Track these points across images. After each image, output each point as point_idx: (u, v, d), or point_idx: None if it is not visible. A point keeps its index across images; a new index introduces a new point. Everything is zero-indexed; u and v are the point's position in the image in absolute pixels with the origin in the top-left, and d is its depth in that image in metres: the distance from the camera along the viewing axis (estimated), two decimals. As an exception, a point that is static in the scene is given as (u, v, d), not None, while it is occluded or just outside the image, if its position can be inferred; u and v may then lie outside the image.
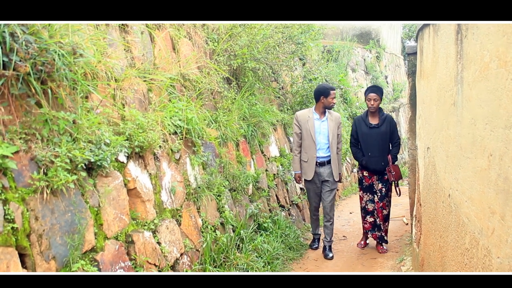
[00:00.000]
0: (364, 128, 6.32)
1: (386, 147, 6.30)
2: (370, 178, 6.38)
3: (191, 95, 5.26)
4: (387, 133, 6.26)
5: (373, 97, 6.24)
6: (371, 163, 6.26)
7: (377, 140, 6.25)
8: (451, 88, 2.98)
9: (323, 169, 6.17)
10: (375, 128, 6.27)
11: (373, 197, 6.39)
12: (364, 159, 6.31)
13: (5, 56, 2.65)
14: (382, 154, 6.23)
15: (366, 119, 6.36)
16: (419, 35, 4.73)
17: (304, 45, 8.86)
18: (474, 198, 2.41)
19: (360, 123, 6.37)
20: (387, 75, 17.05)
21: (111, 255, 3.35)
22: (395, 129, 6.38)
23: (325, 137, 6.14)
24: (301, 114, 6.21)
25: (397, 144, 6.35)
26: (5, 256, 2.52)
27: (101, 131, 3.46)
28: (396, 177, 6.23)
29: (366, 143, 6.30)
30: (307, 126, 6.08)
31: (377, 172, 6.29)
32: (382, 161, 6.22)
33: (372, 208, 6.41)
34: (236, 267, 4.75)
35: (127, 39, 4.45)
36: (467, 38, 2.56)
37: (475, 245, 2.39)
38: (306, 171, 6.20)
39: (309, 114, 6.16)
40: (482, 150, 2.27)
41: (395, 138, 6.34)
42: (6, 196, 2.63)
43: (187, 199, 4.65)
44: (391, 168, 6.21)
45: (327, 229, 6.24)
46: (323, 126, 6.15)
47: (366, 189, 6.44)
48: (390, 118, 6.39)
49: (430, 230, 3.84)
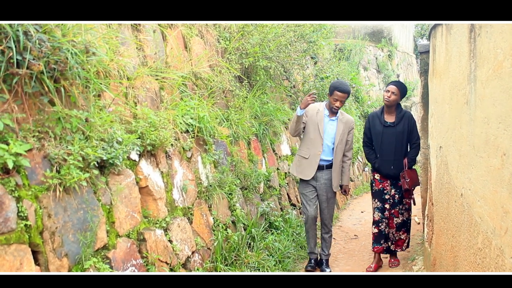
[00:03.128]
0: (378, 126, 5.58)
1: (403, 149, 5.52)
2: (381, 182, 5.62)
3: (203, 93, 5.27)
4: (404, 133, 5.49)
5: (392, 89, 5.49)
6: (384, 166, 5.54)
7: (392, 140, 5.49)
8: (464, 86, 2.96)
9: (320, 173, 5.37)
10: (391, 127, 5.52)
11: (382, 205, 5.61)
12: (377, 161, 5.59)
13: (19, 54, 2.66)
14: (397, 156, 5.47)
15: (381, 116, 5.62)
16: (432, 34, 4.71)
17: (316, 43, 8.85)
18: (487, 197, 2.40)
19: (374, 120, 5.65)
20: (399, 73, 16.96)
21: (123, 253, 3.37)
22: (414, 127, 5.60)
23: (331, 138, 5.36)
24: (312, 106, 5.34)
25: (416, 145, 5.57)
26: (18, 253, 2.55)
27: (114, 129, 3.47)
28: (411, 184, 5.41)
29: (379, 144, 5.57)
30: (316, 118, 5.32)
31: (391, 177, 5.55)
32: (396, 164, 5.46)
33: (378, 217, 5.63)
34: (247, 266, 4.75)
35: (139, 37, 4.47)
36: (480, 37, 2.54)
37: (488, 244, 2.37)
38: (304, 169, 5.39)
39: (320, 107, 5.40)
40: (495, 149, 2.25)
41: (413, 138, 5.56)
42: (19, 193, 2.65)
43: (198, 198, 4.66)
44: (406, 173, 5.40)
45: (325, 241, 5.55)
46: (331, 126, 5.38)
47: (376, 194, 5.69)
48: (409, 116, 5.59)
49: (442, 229, 3.82)
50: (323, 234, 5.55)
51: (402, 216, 5.61)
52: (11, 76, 2.70)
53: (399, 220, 5.60)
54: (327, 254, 5.55)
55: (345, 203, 9.28)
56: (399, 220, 5.60)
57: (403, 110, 5.61)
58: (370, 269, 5.53)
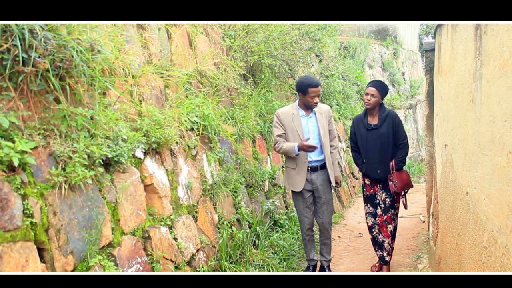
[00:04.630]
0: (362, 130, 5.33)
1: (389, 151, 5.22)
2: (372, 187, 5.39)
3: (208, 91, 5.27)
4: (388, 134, 5.20)
5: (371, 92, 5.18)
6: (370, 171, 5.30)
7: (376, 143, 5.23)
8: (469, 85, 2.95)
9: (315, 175, 4.98)
10: (374, 129, 5.25)
11: (374, 210, 5.40)
12: (364, 166, 5.36)
13: (24, 52, 2.67)
14: (383, 159, 5.21)
15: (364, 119, 5.35)
16: (437, 31, 4.69)
17: (321, 41, 8.85)
18: (492, 196, 2.39)
19: (359, 123, 5.40)
20: (404, 71, 16.92)
21: (128, 251, 3.38)
22: (399, 127, 5.27)
23: (315, 136, 4.97)
24: (283, 111, 4.99)
25: (403, 145, 5.24)
26: (24, 251, 2.56)
27: (119, 127, 3.48)
28: (400, 187, 5.10)
29: (364, 148, 5.33)
30: (292, 125, 4.89)
31: (379, 181, 5.30)
32: (382, 168, 5.20)
33: (371, 223, 5.44)
34: (252, 264, 4.76)
35: (144, 35, 4.48)
36: (486, 34, 2.53)
37: (493, 243, 2.37)
38: (294, 180, 4.99)
39: (293, 110, 4.96)
40: (501, 148, 2.24)
41: (400, 139, 5.24)
42: (25, 191, 2.66)
43: (203, 195, 4.67)
44: (393, 176, 5.12)
45: (326, 246, 5.22)
46: (311, 124, 4.99)
47: (367, 199, 5.46)
48: (393, 115, 5.29)
49: (447, 228, 3.81)
50: (324, 240, 5.20)
51: (394, 222, 5.32)
52: (17, 74, 2.71)
53: (391, 227, 5.30)
54: (328, 260, 5.26)
55: (350, 201, 9.27)
56: (391, 227, 5.30)
57: (386, 110, 5.30)
58: (375, 268, 5.46)
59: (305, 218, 5.06)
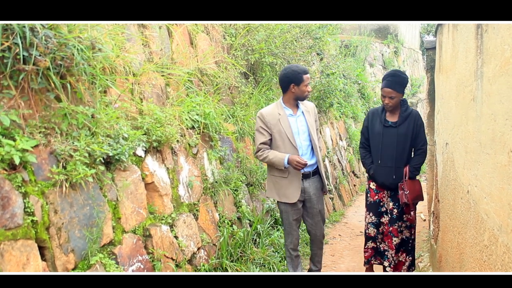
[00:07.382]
0: (378, 126, 4.64)
1: (404, 155, 4.56)
2: (377, 193, 4.70)
3: (209, 89, 5.27)
4: (407, 135, 4.52)
5: (387, 94, 4.51)
6: (380, 174, 4.63)
7: (392, 144, 4.55)
8: (470, 83, 2.95)
9: (307, 183, 4.33)
10: (392, 127, 4.56)
11: (377, 220, 4.71)
12: (373, 167, 4.68)
13: (25, 50, 2.67)
14: (397, 163, 4.54)
15: (382, 114, 4.66)
16: (438, 30, 4.69)
17: (322, 39, 8.85)
18: (493, 194, 2.39)
19: (374, 118, 4.72)
20: (405, 70, 16.91)
21: (128, 249, 3.38)
22: (421, 130, 4.60)
23: (306, 137, 4.33)
24: (267, 112, 4.30)
25: (421, 151, 4.60)
26: (25, 249, 2.56)
27: (119, 125, 3.48)
28: (411, 198, 4.46)
29: (377, 146, 4.64)
30: (280, 127, 4.23)
31: (387, 187, 4.63)
32: (395, 173, 4.54)
33: (374, 233, 4.74)
34: (252, 262, 4.76)
35: (145, 34, 4.47)
36: (487, 33, 2.53)
37: (494, 242, 2.37)
38: (286, 191, 4.28)
39: (279, 110, 4.31)
40: (502, 146, 2.24)
41: (419, 143, 4.58)
42: (26, 189, 2.66)
43: (204, 194, 4.67)
44: (405, 184, 4.47)
45: (317, 256, 4.65)
46: (300, 123, 4.33)
47: (370, 207, 4.76)
48: (416, 115, 4.58)
49: (448, 226, 3.81)
50: (316, 250, 4.64)
51: (402, 234, 4.62)
52: (18, 72, 2.71)
53: (398, 240, 4.60)
54: (318, 269, 4.69)
55: (351, 199, 9.27)
56: (398, 240, 4.60)
57: (409, 109, 4.59)
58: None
59: (294, 232, 4.43)
